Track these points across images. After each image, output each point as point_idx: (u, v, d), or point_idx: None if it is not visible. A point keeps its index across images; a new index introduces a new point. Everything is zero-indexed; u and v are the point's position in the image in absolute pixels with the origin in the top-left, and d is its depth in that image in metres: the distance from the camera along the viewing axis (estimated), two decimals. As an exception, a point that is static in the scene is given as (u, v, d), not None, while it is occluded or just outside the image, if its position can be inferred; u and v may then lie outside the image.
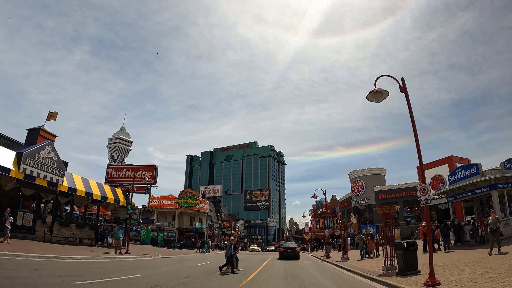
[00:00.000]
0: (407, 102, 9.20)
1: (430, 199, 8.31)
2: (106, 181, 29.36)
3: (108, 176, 29.75)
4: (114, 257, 16.18)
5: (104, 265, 12.30)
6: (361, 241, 21.50)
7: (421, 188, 8.40)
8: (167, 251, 28.23)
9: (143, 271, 11.35)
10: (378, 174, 43.12)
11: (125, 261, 14.86)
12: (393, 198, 40.85)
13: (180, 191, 44.57)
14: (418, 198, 8.58)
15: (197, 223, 46.03)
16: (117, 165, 28.53)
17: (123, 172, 29.37)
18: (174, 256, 22.29)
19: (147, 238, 34.51)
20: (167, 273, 11.24)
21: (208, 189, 62.79)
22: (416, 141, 8.60)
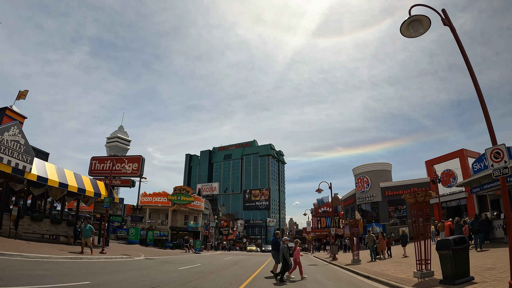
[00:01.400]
0: (454, 37, 7.49)
1: (509, 166, 5.50)
2: (90, 173, 26.73)
3: (92, 168, 27.09)
4: (81, 257, 13.50)
5: (56, 267, 9.64)
6: (371, 240, 18.89)
7: (492, 152, 5.63)
8: (154, 251, 25.54)
9: (101, 276, 8.67)
10: (384, 169, 40.45)
11: (90, 263, 12.17)
12: (401, 194, 38.01)
13: (174, 187, 41.89)
14: (490, 167, 5.81)
15: (191, 222, 43.33)
16: (101, 156, 25.81)
17: (107, 164, 26.71)
18: (159, 258, 19.59)
19: (136, 237, 31.83)
20: (131, 280, 8.54)
21: (205, 187, 60.19)
22: (476, 86, 5.91)
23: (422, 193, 8.45)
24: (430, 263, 8.35)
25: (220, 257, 24.98)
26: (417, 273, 8.32)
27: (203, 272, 11.79)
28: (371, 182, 39.27)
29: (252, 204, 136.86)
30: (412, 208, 8.93)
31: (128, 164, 26.00)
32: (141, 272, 10.79)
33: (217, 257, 24.88)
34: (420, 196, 8.45)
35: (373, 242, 18.93)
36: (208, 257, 24.18)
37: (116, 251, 20.19)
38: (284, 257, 9.65)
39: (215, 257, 23.98)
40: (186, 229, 41.71)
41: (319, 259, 22.41)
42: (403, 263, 13.08)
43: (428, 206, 8.75)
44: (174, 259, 19.14)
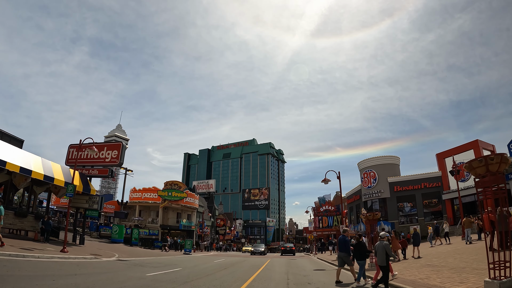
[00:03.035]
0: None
1: None
2: (67, 163, 23.72)
3: (69, 157, 24.06)
4: (25, 255, 10.49)
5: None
6: None
7: None
8: (135, 251, 22.49)
9: (15, 283, 5.62)
10: (392, 163, 37.43)
11: (24, 263, 9.10)
12: (411, 190, 35.17)
13: (165, 182, 38.82)
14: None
15: (184, 220, 40.24)
16: (80, 144, 22.69)
17: (85, 152, 23.68)
18: (134, 259, 16.56)
19: (120, 236, 28.80)
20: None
21: (201, 184, 57.20)
22: None
23: (497, 157, 5.37)
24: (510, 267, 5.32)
25: (210, 259, 21.93)
26: (492, 283, 5.27)
27: (175, 281, 8.80)
28: (378, 177, 36.24)
29: (251, 204, 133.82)
30: (480, 184, 5.82)
31: (107, 152, 23.01)
32: (86, 279, 7.76)
33: (208, 259, 21.83)
34: (494, 164, 5.37)
35: (388, 242, 15.97)
36: (196, 259, 21.13)
37: (86, 250, 17.15)
38: (386, 258, 7.63)
39: (204, 259, 20.93)
40: (178, 227, 38.64)
41: (326, 262, 19.29)
42: (436, 267, 10.08)
43: (504, 179, 5.66)
44: (151, 261, 16.09)
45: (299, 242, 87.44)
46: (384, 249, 7.68)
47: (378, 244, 8.00)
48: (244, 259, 23.03)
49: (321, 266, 16.56)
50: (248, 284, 8.81)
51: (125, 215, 29.94)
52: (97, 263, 12.75)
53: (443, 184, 34.94)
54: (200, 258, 21.85)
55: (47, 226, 17.54)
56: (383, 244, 7.83)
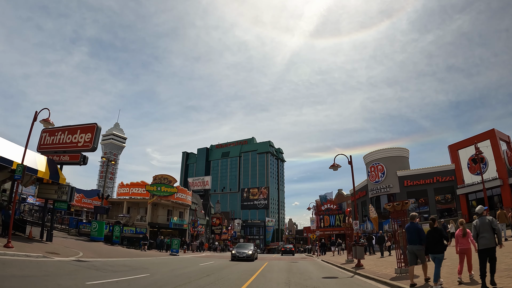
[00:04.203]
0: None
1: None
2: (39, 149, 20.83)
3: (41, 142, 21.16)
4: None
5: None
6: (401, 239, 12.98)
7: None
8: (110, 251, 19.40)
9: None
10: (400, 155, 34.42)
11: None
12: (422, 185, 32.13)
13: (153, 176, 35.78)
14: None
15: (175, 218, 37.13)
16: (53, 127, 19.73)
17: (58, 136, 20.76)
18: (98, 260, 13.55)
19: (99, 234, 25.74)
20: None
21: (196, 181, 54.18)
22: None
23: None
24: None
25: (198, 261, 18.89)
26: None
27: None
28: (386, 171, 33.18)
29: (250, 203, 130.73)
30: None
31: (80, 135, 20.00)
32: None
33: (194, 261, 18.78)
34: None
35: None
36: (179, 261, 18.09)
37: (47, 247, 14.11)
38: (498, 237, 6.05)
39: (189, 262, 17.89)
40: (168, 226, 35.53)
41: (335, 266, 16.10)
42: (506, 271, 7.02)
43: None
44: (118, 264, 13.03)
45: (299, 242, 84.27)
46: (491, 225, 5.95)
47: (479, 220, 6.22)
48: (237, 262, 20.01)
49: (330, 271, 13.41)
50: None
51: (105, 210, 26.86)
52: (37, 264, 9.69)
53: (456, 178, 31.96)
54: (185, 261, 18.78)
55: (7, 217, 14.66)
56: (487, 219, 6.11)
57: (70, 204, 19.82)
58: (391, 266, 12.75)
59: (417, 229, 7.62)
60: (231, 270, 12.78)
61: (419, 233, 7.43)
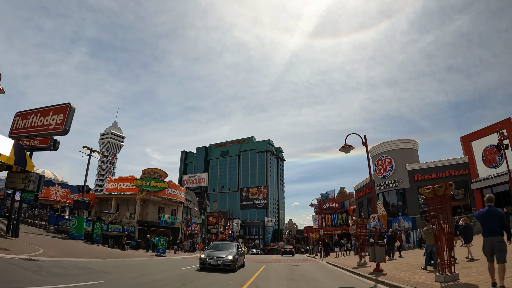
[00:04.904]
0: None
1: None
2: (11, 134, 18.44)
3: (14, 127, 18.74)
4: None
5: None
6: (430, 235, 10.70)
7: None
8: (82, 250, 16.78)
9: None
10: (409, 147, 31.84)
11: None
12: (434, 179, 29.51)
13: (142, 170, 33.15)
14: None
15: (166, 216, 34.48)
16: (26, 110, 17.17)
17: (30, 119, 18.30)
18: (59, 260, 11.15)
19: (79, 231, 23.17)
20: None
21: (192, 178, 51.56)
22: None
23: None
24: None
25: (182, 263, 16.34)
26: None
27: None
28: (395, 164, 30.56)
29: (249, 203, 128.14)
30: None
31: (52, 117, 17.50)
32: None
33: (178, 263, 16.23)
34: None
35: (432, 239, 10.72)
36: (159, 264, 15.50)
37: (1, 243, 11.51)
38: None
39: (171, 265, 15.31)
40: (158, 224, 32.88)
41: (346, 271, 13.34)
42: None
43: None
44: (76, 265, 10.44)
45: (300, 242, 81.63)
46: None
47: None
48: None
49: (343, 279, 10.62)
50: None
51: (86, 205, 24.25)
52: None
53: (470, 171, 29.40)
54: (168, 263, 16.18)
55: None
56: None
57: (37, 195, 17.22)
58: (417, 270, 10.16)
59: (498, 215, 5.35)
60: (218, 277, 10.16)
61: (502, 220, 5.20)
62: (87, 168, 25.80)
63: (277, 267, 15.00)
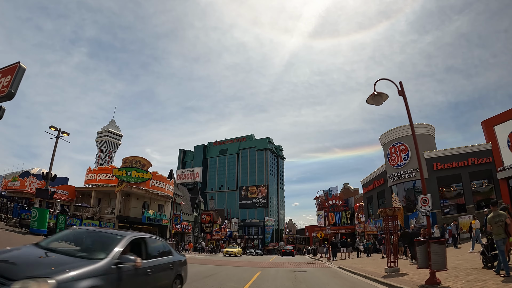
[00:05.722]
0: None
1: None
2: None
3: None
4: None
5: None
6: (499, 227, 6.84)
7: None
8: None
9: None
10: (426, 133, 28.11)
11: None
12: (454, 168, 25.72)
13: (123, 159, 29.35)
14: None
15: (151, 212, 30.64)
16: None
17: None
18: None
19: (41, 225, 19.56)
20: None
21: (186, 173, 47.88)
22: None
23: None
24: None
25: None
26: None
27: None
28: (411, 152, 26.74)
29: (248, 202, 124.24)
30: None
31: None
32: None
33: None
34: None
35: (503, 231, 7.07)
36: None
37: None
38: None
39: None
40: (141, 220, 29.05)
41: (375, 283, 9.43)
42: None
43: None
44: None
45: (301, 242, 77.73)
46: None
47: None
48: (214, 269, 13.64)
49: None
50: None
51: (49, 195, 20.48)
52: None
53: (494, 159, 25.61)
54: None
55: None
56: None
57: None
58: (486, 276, 6.40)
59: None
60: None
61: None
62: (53, 152, 22.01)
63: (276, 275, 11.17)
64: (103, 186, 31.32)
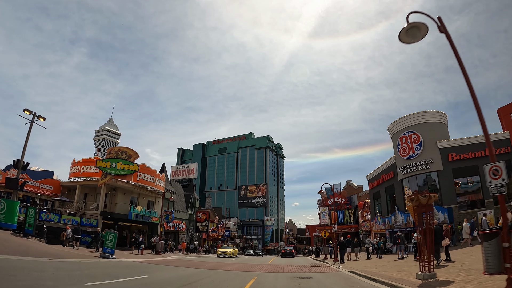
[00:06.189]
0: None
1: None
2: None
3: None
4: None
5: None
6: None
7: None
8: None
9: None
10: (438, 121, 25.65)
11: None
12: (472, 159, 23.20)
13: (108, 149, 26.90)
14: None
15: (139, 208, 28.15)
16: None
17: None
18: None
19: (9, 219, 17.29)
20: None
21: (181, 170, 45.47)
22: None
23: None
24: None
25: (113, 273, 10.13)
26: None
27: None
28: (423, 141, 24.26)
29: (248, 201, 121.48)
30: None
31: None
32: None
33: (102, 273, 9.94)
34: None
35: None
36: (75, 267, 9.21)
37: None
38: None
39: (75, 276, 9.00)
40: (127, 217, 26.54)
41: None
42: None
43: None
44: None
45: (301, 242, 75.21)
46: None
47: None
48: (199, 274, 11.19)
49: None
50: None
51: (20, 185, 18.05)
52: None
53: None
54: (92, 270, 9.89)
55: None
56: None
57: None
58: None
59: None
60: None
61: None
62: (26, 138, 19.60)
63: (274, 283, 8.64)
64: (88, 179, 28.88)
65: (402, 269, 10.64)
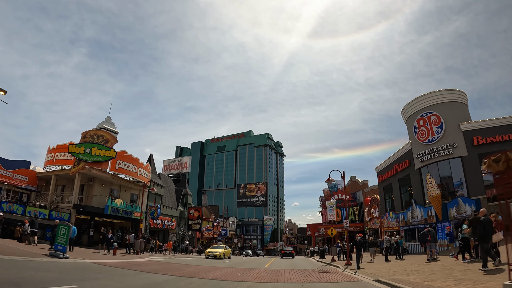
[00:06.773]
0: None
1: None
2: None
3: None
4: None
5: None
6: None
7: None
8: None
9: None
10: (458, 101, 22.38)
11: None
12: (500, 143, 19.81)
13: (82, 133, 23.62)
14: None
15: (118, 201, 24.81)
16: None
17: None
18: None
19: None
20: None
21: (173, 164, 42.30)
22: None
23: None
24: None
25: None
26: None
27: None
28: (445, 123, 20.96)
29: (247, 200, 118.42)
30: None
31: None
32: None
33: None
34: None
35: None
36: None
37: None
38: None
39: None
40: (103, 211, 23.19)
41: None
42: None
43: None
44: None
45: (302, 242, 71.87)
46: None
47: None
48: (159, 285, 7.92)
49: None
50: None
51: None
52: None
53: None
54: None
55: None
56: None
57: None
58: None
59: None
60: None
61: None
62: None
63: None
64: (64, 168, 25.65)
65: (453, 275, 7.37)
